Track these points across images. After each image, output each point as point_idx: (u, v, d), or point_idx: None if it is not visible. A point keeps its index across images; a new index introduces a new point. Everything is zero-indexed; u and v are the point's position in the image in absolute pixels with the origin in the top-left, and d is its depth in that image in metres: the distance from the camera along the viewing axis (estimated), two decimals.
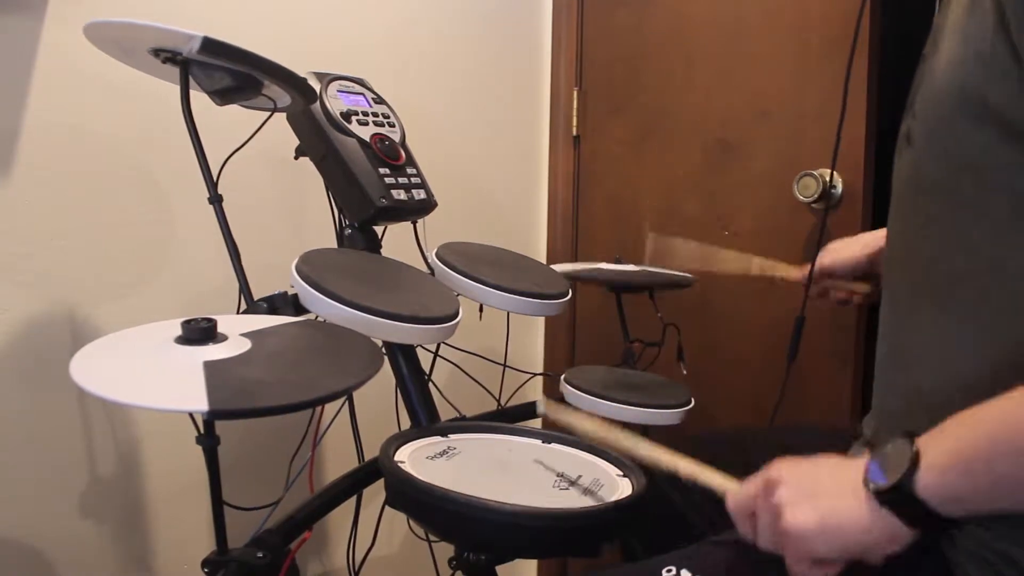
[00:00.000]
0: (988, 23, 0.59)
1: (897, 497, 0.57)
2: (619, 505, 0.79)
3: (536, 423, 1.26)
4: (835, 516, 0.60)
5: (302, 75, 1.00)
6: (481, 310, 1.11)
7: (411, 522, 0.94)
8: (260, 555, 0.81)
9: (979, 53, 0.60)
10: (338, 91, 1.11)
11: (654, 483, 0.82)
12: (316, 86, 1.07)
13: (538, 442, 0.97)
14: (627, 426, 1.10)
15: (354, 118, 1.09)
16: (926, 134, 0.67)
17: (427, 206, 1.12)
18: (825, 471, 0.64)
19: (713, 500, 0.71)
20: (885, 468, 0.59)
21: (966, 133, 0.62)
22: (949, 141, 0.64)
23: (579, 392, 1.15)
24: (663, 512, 0.94)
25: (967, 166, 0.63)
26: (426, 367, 1.12)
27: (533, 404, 1.11)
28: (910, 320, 0.72)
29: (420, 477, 0.79)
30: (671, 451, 0.77)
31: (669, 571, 0.71)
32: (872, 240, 1.09)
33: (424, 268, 1.13)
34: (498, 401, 1.30)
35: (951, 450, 0.57)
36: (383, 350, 0.95)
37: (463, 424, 1.01)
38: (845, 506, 0.60)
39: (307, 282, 0.89)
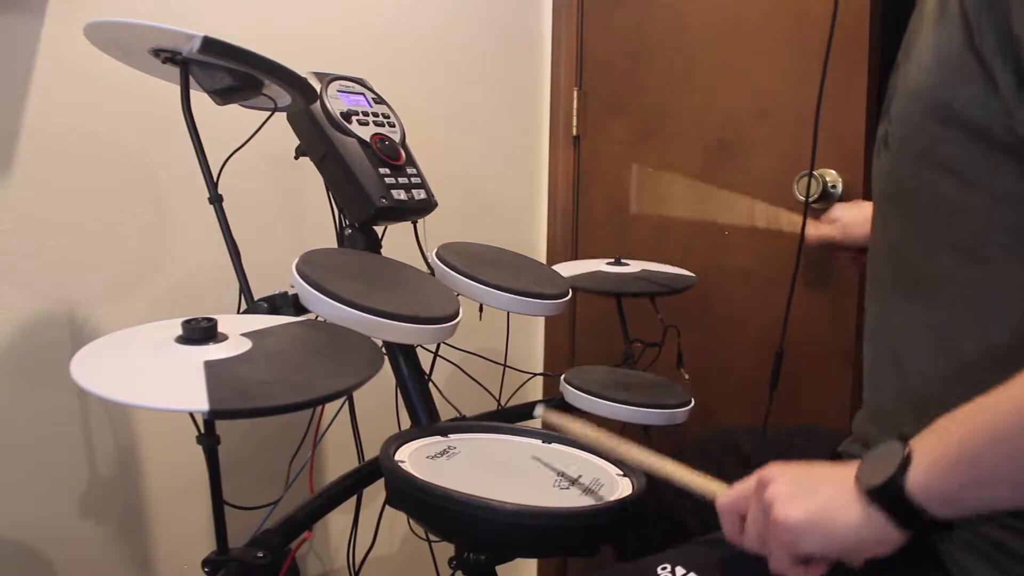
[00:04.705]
0: (954, 30, 0.61)
1: (887, 495, 0.57)
2: (619, 505, 0.79)
3: (536, 423, 1.26)
4: (827, 511, 0.60)
5: (302, 75, 1.00)
6: (481, 310, 1.11)
7: (411, 522, 0.94)
8: (260, 555, 0.81)
9: (947, 59, 0.62)
10: (338, 91, 1.11)
11: (653, 484, 0.83)
12: (316, 86, 1.07)
13: (538, 442, 0.97)
14: (627, 426, 1.11)
15: (354, 118, 1.09)
16: (901, 138, 0.68)
17: (427, 206, 1.12)
18: (820, 470, 0.64)
19: (708, 503, 0.71)
20: (876, 466, 0.59)
21: (938, 136, 0.64)
22: (923, 144, 0.65)
23: (579, 392, 1.15)
24: (658, 513, 0.94)
25: (941, 168, 0.64)
26: (426, 367, 1.12)
27: (532, 405, 1.11)
28: (895, 318, 0.73)
29: (420, 477, 0.79)
30: (662, 456, 0.77)
31: (664, 568, 0.71)
32: None
33: (424, 268, 1.13)
34: (498, 401, 1.30)
35: (940, 447, 0.56)
36: (383, 350, 0.95)
37: (463, 424, 1.01)
38: (837, 503, 0.60)
39: (307, 282, 0.89)
